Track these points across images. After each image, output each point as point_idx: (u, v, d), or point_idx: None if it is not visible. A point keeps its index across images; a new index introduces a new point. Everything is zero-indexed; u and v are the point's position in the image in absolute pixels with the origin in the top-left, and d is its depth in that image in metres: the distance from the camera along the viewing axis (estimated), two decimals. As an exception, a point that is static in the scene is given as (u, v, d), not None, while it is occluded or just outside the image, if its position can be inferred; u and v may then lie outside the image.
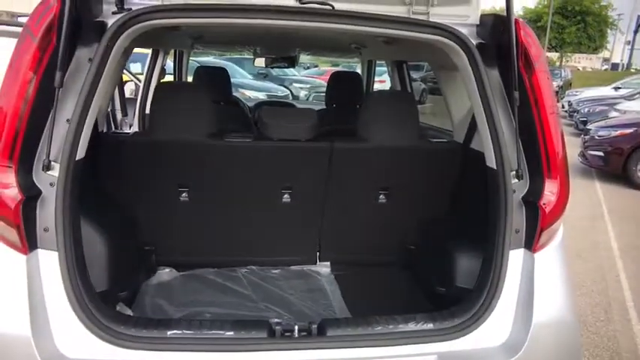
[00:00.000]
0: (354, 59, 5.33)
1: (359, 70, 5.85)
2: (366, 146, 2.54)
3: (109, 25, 1.75)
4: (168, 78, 4.52)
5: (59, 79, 1.63)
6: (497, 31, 1.96)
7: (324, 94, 15.65)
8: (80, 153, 1.74)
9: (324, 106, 4.92)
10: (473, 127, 2.50)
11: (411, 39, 2.01)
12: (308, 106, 5.55)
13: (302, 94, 14.77)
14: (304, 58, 6.54)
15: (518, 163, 1.90)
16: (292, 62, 4.93)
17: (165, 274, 2.76)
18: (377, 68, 5.41)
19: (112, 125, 3.70)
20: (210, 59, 16.30)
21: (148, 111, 3.84)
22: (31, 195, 1.65)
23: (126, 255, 2.36)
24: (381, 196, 2.70)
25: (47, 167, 1.67)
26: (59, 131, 1.68)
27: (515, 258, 1.89)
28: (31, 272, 1.64)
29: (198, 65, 3.84)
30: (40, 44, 1.62)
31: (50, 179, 1.68)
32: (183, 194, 2.58)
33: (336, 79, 4.00)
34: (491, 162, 1.96)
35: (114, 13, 1.80)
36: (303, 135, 2.47)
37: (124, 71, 4.77)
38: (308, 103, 8.72)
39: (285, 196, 2.65)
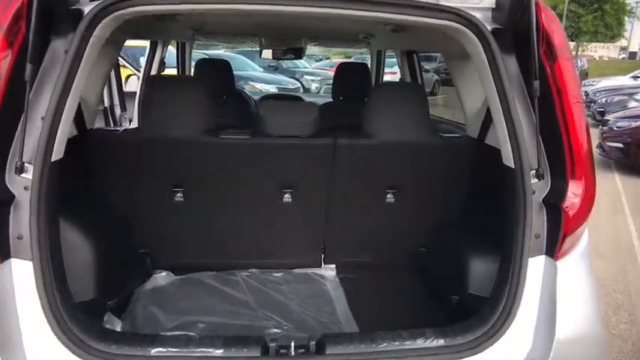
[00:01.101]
0: (366, 50, 5.13)
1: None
2: (371, 142, 2.37)
3: (85, 12, 1.60)
4: (170, 71, 4.38)
5: (29, 73, 1.47)
6: (515, 15, 1.76)
7: (334, 86, 15.50)
8: (57, 153, 1.59)
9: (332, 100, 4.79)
10: (488, 121, 2.32)
11: (419, 25, 1.82)
12: (318, 98, 5.35)
13: (313, 86, 14.66)
14: (313, 50, 6.29)
15: (539, 161, 1.71)
16: (299, 54, 4.74)
17: (162, 278, 2.62)
18: (387, 59, 5.23)
19: (111, 121, 3.57)
20: (221, 52, 16.29)
21: None
22: (3, 199, 1.51)
23: (116, 260, 2.22)
24: (388, 195, 2.53)
25: (20, 170, 1.52)
26: (33, 130, 1.54)
27: (536, 265, 1.70)
28: (3, 284, 1.50)
29: (199, 58, 3.70)
30: (6, 34, 1.47)
31: (24, 182, 1.53)
32: (178, 194, 2.43)
33: (343, 70, 3.81)
34: (508, 160, 1.78)
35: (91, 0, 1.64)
36: (303, 131, 2.30)
37: (126, 64, 4.65)
38: (318, 95, 8.50)
39: (287, 195, 2.49)
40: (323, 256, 2.72)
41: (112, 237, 2.23)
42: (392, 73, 7.90)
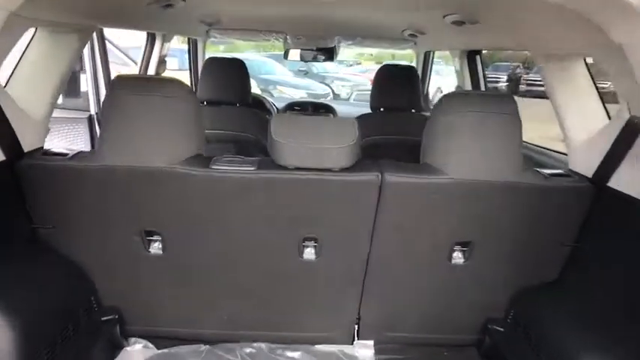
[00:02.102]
0: (405, 50, 4.33)
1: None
2: (436, 181, 1.62)
3: None
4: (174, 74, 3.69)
5: None
6: None
7: (366, 92, 14.81)
8: None
9: (369, 110, 4.05)
10: (615, 155, 1.54)
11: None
12: (350, 107, 4.59)
13: (344, 92, 14.06)
14: (343, 54, 5.25)
15: None
16: (331, 55, 4.01)
17: (137, 353, 1.92)
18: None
19: (96, 133, 2.90)
20: (249, 55, 15.77)
21: None
22: None
23: (66, 332, 1.54)
24: (456, 253, 1.76)
25: None
26: None
27: None
28: None
29: (209, 57, 2.99)
30: None
31: None
32: (155, 244, 1.72)
33: (386, 74, 3.02)
34: None
35: None
36: (335, 162, 1.57)
37: (128, 60, 3.97)
38: (349, 103, 7.72)
39: (309, 249, 1.75)
40: (357, 328, 1.97)
41: (53, 303, 1.54)
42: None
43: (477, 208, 1.65)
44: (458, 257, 1.75)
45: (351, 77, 15.15)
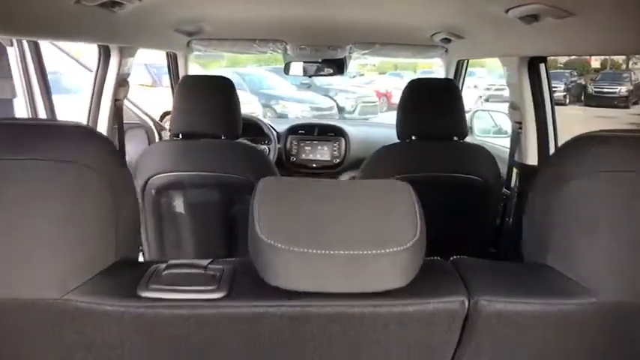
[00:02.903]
0: (409, 59, 3.56)
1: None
2: (571, 306, 0.88)
3: None
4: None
5: None
6: None
7: (370, 104, 14.18)
8: None
9: (387, 130, 3.30)
10: None
11: None
12: (365, 130, 3.82)
13: (349, 105, 13.57)
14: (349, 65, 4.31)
15: None
16: (340, 67, 3.28)
17: None
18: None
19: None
20: (251, 70, 15.10)
21: None
22: None
23: None
24: None
25: None
26: None
27: None
28: None
29: (185, 75, 2.25)
30: None
31: None
32: None
33: (417, 92, 2.14)
34: None
35: None
36: (381, 281, 0.82)
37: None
38: (364, 123, 6.87)
39: None
40: None
41: None
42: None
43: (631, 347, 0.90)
44: None
45: (355, 89, 14.68)
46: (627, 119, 15.40)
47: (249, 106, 11.22)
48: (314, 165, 3.48)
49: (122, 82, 2.19)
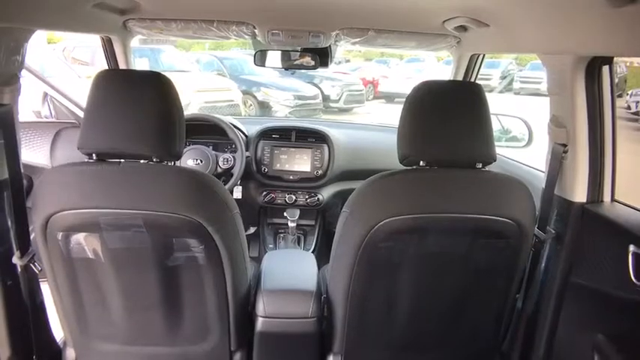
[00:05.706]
0: (427, 50, 2.88)
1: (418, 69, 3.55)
2: None
3: None
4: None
5: None
6: None
7: (356, 93, 13.52)
8: None
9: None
10: None
11: None
12: (351, 134, 3.17)
13: (334, 93, 13.01)
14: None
15: None
16: (325, 59, 2.63)
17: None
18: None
19: None
20: (229, 54, 14.28)
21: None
22: None
23: None
24: None
25: None
26: None
27: None
28: None
29: (102, 70, 1.59)
30: None
31: None
32: None
33: (428, 100, 1.56)
34: None
35: None
36: None
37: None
38: (351, 126, 6.12)
39: None
40: None
41: None
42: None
43: None
44: None
45: (341, 77, 14.12)
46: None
47: (228, 92, 10.53)
48: (291, 177, 2.87)
49: (7, 80, 1.51)
